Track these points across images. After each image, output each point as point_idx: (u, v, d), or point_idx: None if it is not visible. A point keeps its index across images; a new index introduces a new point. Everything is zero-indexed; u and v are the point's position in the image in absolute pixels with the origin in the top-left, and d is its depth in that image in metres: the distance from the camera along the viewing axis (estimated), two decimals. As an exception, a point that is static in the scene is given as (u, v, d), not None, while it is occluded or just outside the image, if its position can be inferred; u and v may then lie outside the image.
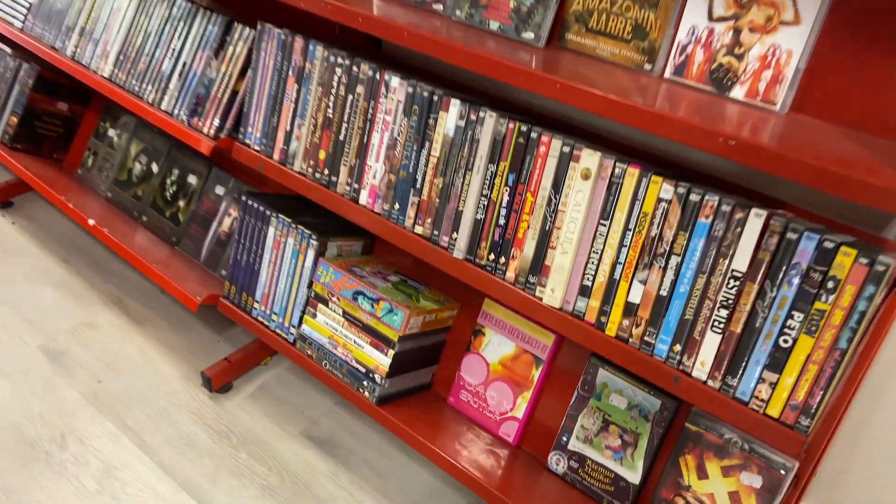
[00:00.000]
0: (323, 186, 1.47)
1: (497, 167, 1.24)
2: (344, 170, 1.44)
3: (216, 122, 1.64)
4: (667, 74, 1.22)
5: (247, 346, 1.96)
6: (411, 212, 1.35)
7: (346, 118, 1.42)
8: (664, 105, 1.00)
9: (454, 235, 1.30)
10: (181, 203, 2.08)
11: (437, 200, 1.32)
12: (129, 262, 1.90)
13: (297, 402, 1.86)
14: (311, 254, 1.59)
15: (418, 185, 1.34)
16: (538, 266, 1.20)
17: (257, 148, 1.58)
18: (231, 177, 2.01)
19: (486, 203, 1.26)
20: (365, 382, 1.50)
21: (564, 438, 1.41)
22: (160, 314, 2.11)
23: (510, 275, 1.24)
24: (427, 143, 1.31)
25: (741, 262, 1.00)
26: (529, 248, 1.21)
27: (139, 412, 1.73)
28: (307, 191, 1.49)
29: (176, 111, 1.72)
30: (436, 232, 1.32)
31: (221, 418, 1.75)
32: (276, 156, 1.55)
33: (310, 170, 1.49)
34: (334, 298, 1.55)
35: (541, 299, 1.20)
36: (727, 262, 1.01)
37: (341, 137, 1.44)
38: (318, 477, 1.63)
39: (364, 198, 1.42)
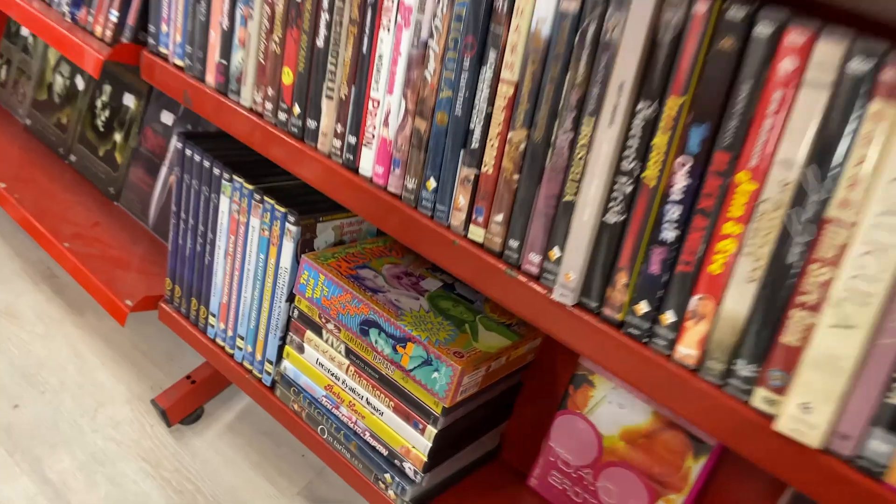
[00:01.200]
0: (291, 137, 0.79)
1: (659, 106, 0.53)
2: (328, 108, 0.74)
3: (112, 15, 0.93)
4: None
5: (220, 353, 1.33)
6: (461, 196, 0.66)
7: (326, 3, 0.71)
8: None
9: (553, 253, 0.61)
10: (117, 136, 1.41)
11: (516, 178, 0.62)
12: (41, 244, 1.26)
13: (297, 440, 1.25)
14: (288, 246, 0.92)
15: (474, 144, 0.64)
16: (762, 351, 0.52)
17: (178, 62, 0.88)
18: (181, 97, 1.31)
19: (628, 189, 0.56)
20: (388, 475, 0.87)
21: None
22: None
23: (688, 354, 0.56)
24: (491, 54, 0.61)
25: None
26: (739, 300, 0.52)
27: (66, 457, 1.14)
28: (264, 144, 0.80)
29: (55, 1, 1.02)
30: (513, 243, 0.64)
31: (186, 467, 1.16)
32: (210, 77, 0.85)
33: (268, 105, 0.80)
34: (330, 325, 0.90)
35: (773, 420, 0.52)
36: None
37: (319, 42, 0.73)
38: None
39: (367, 163, 0.73)
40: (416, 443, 0.84)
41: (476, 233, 0.66)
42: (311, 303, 0.89)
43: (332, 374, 0.91)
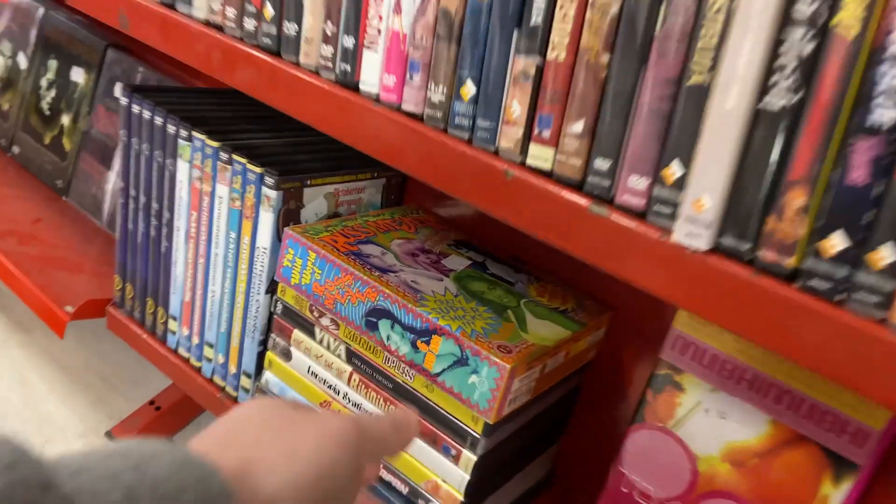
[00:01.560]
0: (263, 51, 0.56)
1: None
2: (313, 1, 0.52)
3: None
4: None
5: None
6: (515, 103, 0.44)
7: None
8: None
9: (669, 172, 0.39)
10: (65, 119, 1.18)
11: (604, 61, 0.40)
12: (-41, 236, 1.03)
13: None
14: (266, 219, 0.69)
15: (535, 19, 0.42)
16: None
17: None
18: (139, 63, 1.09)
19: (807, 48, 0.34)
20: (409, 520, 0.64)
21: None
22: (53, 313, 1.25)
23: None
24: None
25: None
26: None
27: None
28: (226, 67, 0.58)
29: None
30: (600, 164, 0.41)
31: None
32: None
33: (230, 12, 0.58)
34: (325, 320, 0.67)
35: None
36: None
37: None
38: None
39: (371, 74, 0.51)
40: (448, 475, 0.61)
41: (540, 155, 0.44)
42: (299, 291, 0.66)
43: (330, 387, 0.68)
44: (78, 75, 1.17)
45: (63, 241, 1.04)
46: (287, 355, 0.71)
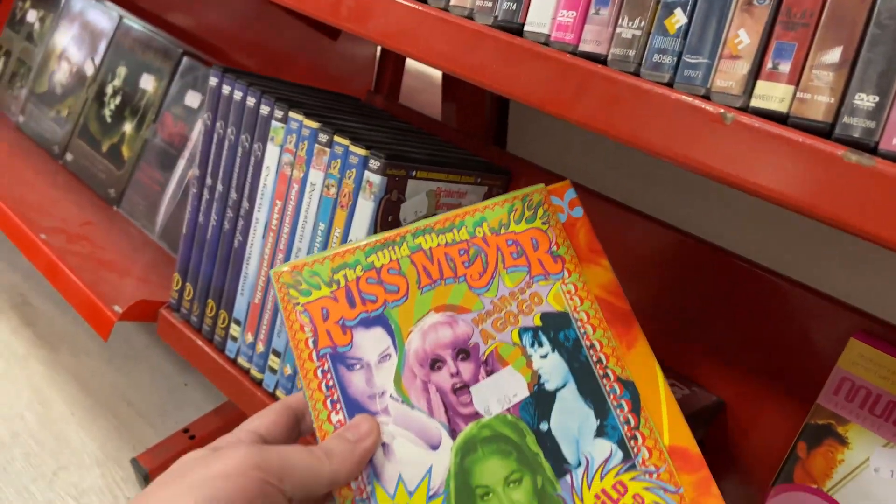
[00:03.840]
0: (407, -3, 0.50)
1: None
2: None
3: None
4: None
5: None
6: (741, 31, 0.36)
7: None
8: None
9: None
10: (127, 127, 1.13)
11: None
12: (2, 229, 0.95)
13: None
14: (365, 208, 0.61)
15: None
16: None
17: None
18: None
19: None
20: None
21: None
22: (85, 330, 1.16)
23: None
24: None
25: None
26: None
27: None
28: (358, 18, 0.51)
29: None
30: (861, 102, 0.33)
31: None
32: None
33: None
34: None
35: None
36: None
37: None
38: None
39: (542, 12, 0.43)
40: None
41: (772, 94, 0.36)
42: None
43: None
44: (147, 82, 1.12)
45: (113, 245, 0.96)
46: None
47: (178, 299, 0.77)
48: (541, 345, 0.43)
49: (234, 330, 0.71)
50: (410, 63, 1.01)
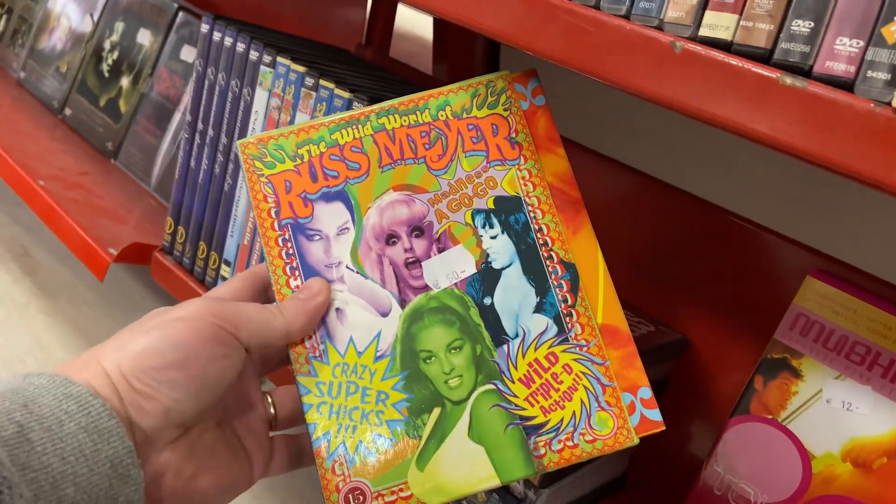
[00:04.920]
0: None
1: None
2: None
3: None
4: None
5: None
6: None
7: None
8: None
9: (893, 30, 0.33)
10: (124, 81, 1.15)
11: None
12: (2, 176, 0.98)
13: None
14: (348, 149, 0.64)
15: None
16: None
17: None
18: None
19: None
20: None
21: None
22: (83, 280, 1.19)
23: None
24: None
25: None
26: None
27: None
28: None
29: None
30: (797, 28, 0.36)
31: None
32: None
33: None
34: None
35: None
36: None
37: None
38: None
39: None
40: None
41: (718, 23, 0.38)
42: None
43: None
44: (144, 37, 1.14)
45: (109, 195, 0.99)
46: (352, 302, 0.64)
47: (171, 242, 0.80)
48: (491, 226, 0.45)
49: (225, 270, 0.74)
50: (401, 22, 1.02)
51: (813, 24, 0.35)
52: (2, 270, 1.18)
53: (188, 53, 1.08)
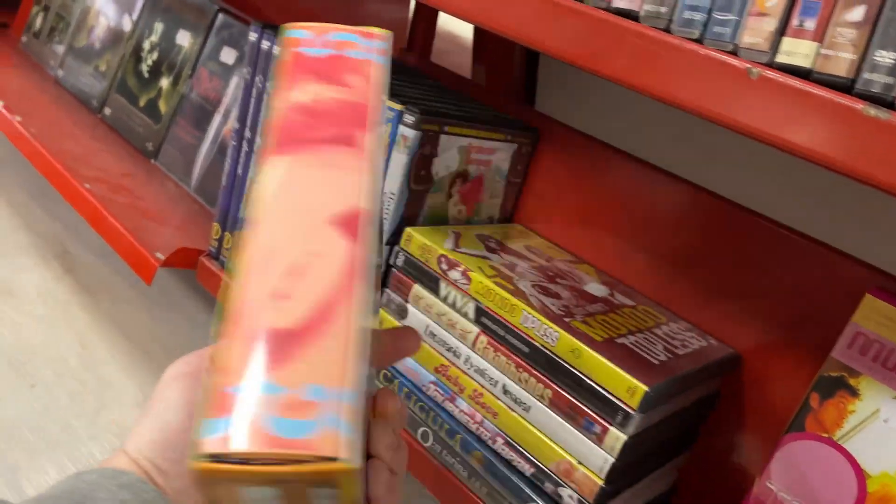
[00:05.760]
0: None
1: None
2: None
3: None
4: None
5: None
6: (774, -10, 0.38)
7: None
8: None
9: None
10: (164, 82, 1.15)
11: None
12: (48, 179, 0.99)
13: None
14: (398, 161, 0.64)
15: None
16: None
17: None
18: (248, 27, 1.07)
19: None
20: (534, 507, 0.55)
21: None
22: (124, 279, 1.21)
23: None
24: None
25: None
26: None
27: (51, 468, 0.86)
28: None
29: None
30: (881, 58, 0.35)
31: None
32: None
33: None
34: (454, 274, 0.61)
35: None
36: None
37: None
38: None
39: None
40: (588, 456, 0.53)
41: (797, 50, 0.37)
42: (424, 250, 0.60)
43: (450, 349, 0.61)
44: (183, 38, 1.14)
45: (151, 196, 1.00)
46: (402, 313, 0.64)
47: (218, 247, 0.80)
48: None
49: (271, 277, 0.74)
50: (440, 25, 1.02)
51: (898, 54, 0.35)
52: (43, 268, 1.19)
53: (228, 55, 1.08)
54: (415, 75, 0.82)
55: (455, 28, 1.15)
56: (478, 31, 1.03)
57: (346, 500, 0.23)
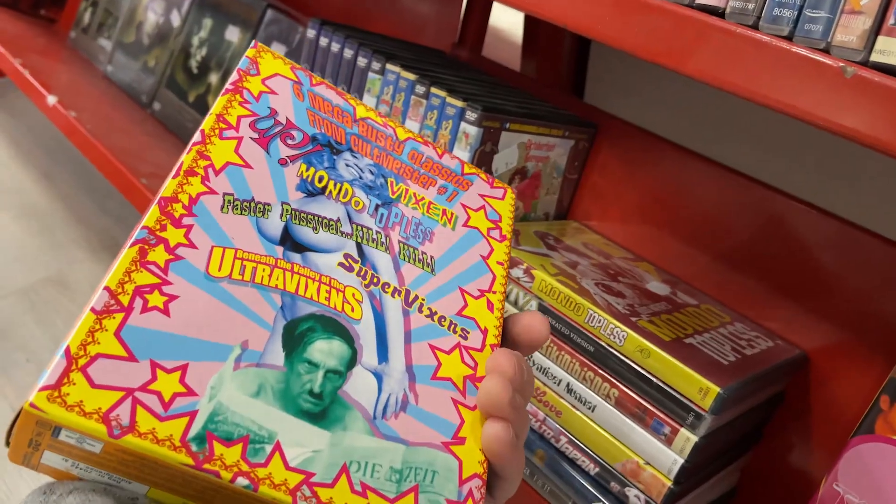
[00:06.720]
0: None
1: None
2: None
3: None
4: None
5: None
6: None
7: None
8: None
9: None
10: (213, 78, 1.16)
11: None
12: (105, 174, 1.01)
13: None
14: (460, 156, 0.64)
15: None
16: None
17: None
18: (298, 24, 1.07)
19: None
20: (599, 508, 0.55)
21: None
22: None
23: None
24: None
25: None
26: None
27: None
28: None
29: None
30: None
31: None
32: None
33: None
34: (517, 271, 0.60)
35: None
36: None
37: None
38: None
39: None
40: (656, 457, 0.53)
41: (893, 48, 0.37)
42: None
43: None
44: (233, 34, 1.15)
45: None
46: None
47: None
48: None
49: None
50: (490, 18, 1.01)
51: None
52: (93, 261, 1.22)
53: (277, 50, 1.08)
54: (468, 70, 0.82)
55: (502, 22, 1.14)
56: (528, 25, 1.02)
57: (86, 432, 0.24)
